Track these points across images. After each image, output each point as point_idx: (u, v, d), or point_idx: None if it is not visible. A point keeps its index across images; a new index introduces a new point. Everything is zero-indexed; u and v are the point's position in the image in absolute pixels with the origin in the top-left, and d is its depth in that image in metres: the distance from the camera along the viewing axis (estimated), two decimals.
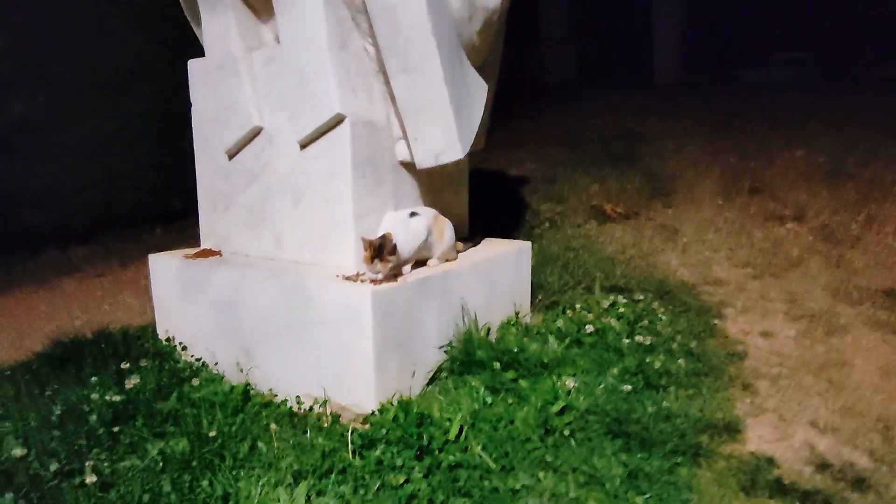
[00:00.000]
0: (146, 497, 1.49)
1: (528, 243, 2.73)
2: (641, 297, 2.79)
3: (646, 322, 2.44)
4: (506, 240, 2.76)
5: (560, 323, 2.47)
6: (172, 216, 5.36)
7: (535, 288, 2.94)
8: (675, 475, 1.50)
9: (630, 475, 1.48)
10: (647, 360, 2.10)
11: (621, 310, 2.54)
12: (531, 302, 2.83)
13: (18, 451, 1.62)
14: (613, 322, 2.39)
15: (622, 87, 15.33)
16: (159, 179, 5.18)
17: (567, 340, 2.29)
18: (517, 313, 2.61)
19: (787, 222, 3.90)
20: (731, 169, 5.29)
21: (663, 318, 2.50)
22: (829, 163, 5.22)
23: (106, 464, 1.67)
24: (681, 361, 2.09)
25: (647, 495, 1.42)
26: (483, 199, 4.10)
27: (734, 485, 1.47)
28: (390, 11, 1.78)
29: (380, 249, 1.86)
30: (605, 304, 2.67)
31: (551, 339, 2.29)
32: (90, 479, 1.52)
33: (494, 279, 2.43)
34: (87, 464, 1.64)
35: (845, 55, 12.62)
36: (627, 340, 2.23)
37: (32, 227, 4.51)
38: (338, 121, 1.94)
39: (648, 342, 2.23)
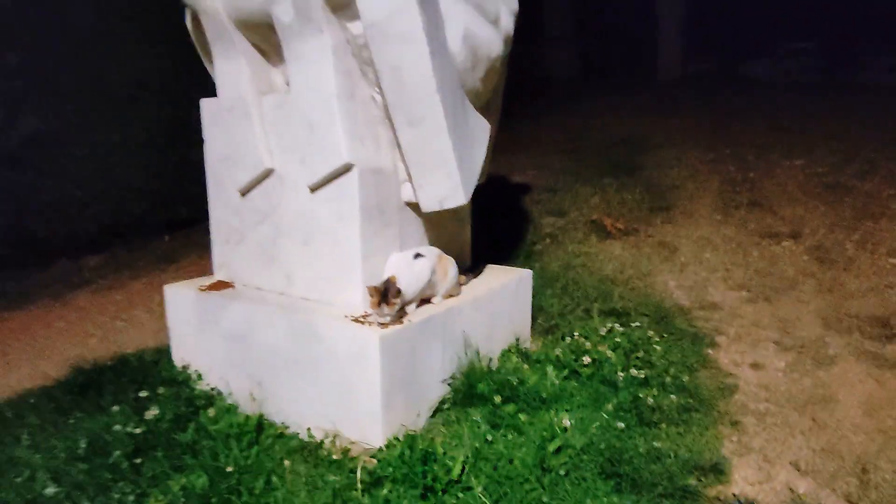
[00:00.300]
0: None
1: (529, 272, 2.83)
2: (638, 322, 2.89)
3: (641, 353, 2.54)
4: (506, 267, 2.86)
5: (558, 351, 2.57)
6: (179, 224, 5.47)
7: (536, 311, 3.04)
8: None
9: None
10: (641, 394, 2.20)
11: (617, 339, 2.64)
12: (532, 324, 2.93)
13: (51, 490, 1.74)
14: (609, 353, 2.49)
15: (624, 86, 15.33)
16: (165, 188, 5.28)
17: (565, 371, 2.40)
18: (517, 339, 2.72)
19: (783, 240, 3.99)
20: (731, 180, 5.36)
21: (658, 347, 2.59)
22: (828, 174, 5.29)
23: (131, 497, 1.79)
24: (673, 397, 2.19)
25: None
26: (487, 207, 4.21)
27: None
28: (397, 70, 1.86)
29: (385, 294, 1.96)
30: (603, 330, 2.78)
31: (550, 369, 2.39)
32: None
33: (495, 310, 2.53)
34: (114, 496, 1.76)
35: (852, 45, 12.51)
36: (622, 374, 2.33)
37: (43, 238, 4.62)
38: (346, 168, 2.03)
39: (643, 375, 2.33)
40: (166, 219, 5.34)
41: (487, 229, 4.36)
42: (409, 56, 1.82)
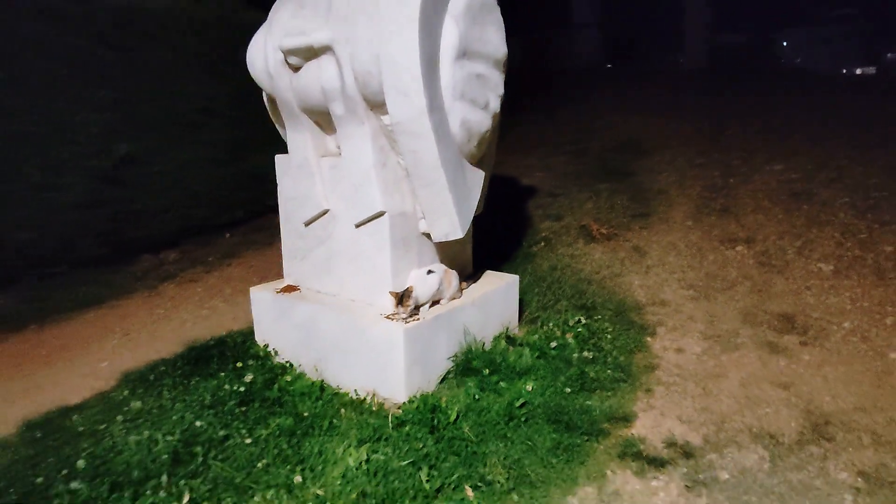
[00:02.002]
0: (275, 451, 2.60)
1: (516, 277, 3.73)
2: (600, 315, 3.79)
3: (595, 340, 3.45)
4: (499, 273, 3.77)
5: (535, 337, 3.50)
6: (237, 223, 6.53)
7: (525, 305, 3.97)
8: (582, 446, 2.54)
9: (554, 445, 2.53)
10: (587, 370, 3.12)
11: (580, 329, 3.55)
12: (520, 316, 3.86)
13: (199, 423, 2.75)
14: (570, 340, 3.41)
15: (645, 74, 15.77)
16: (225, 195, 6.31)
17: (537, 353, 3.32)
18: (507, 328, 3.65)
19: (737, 245, 4.79)
20: (711, 186, 6.12)
21: (609, 335, 3.50)
22: (799, 181, 6.00)
23: (244, 431, 2.79)
24: (609, 371, 3.11)
25: (561, 456, 2.46)
26: (495, 213, 5.14)
27: (614, 453, 2.50)
28: (413, 153, 2.77)
29: (402, 298, 2.91)
30: (572, 322, 3.69)
31: (526, 351, 3.32)
32: (246, 440, 2.64)
33: (488, 308, 3.45)
34: (236, 429, 2.76)
35: None
36: (577, 355, 3.25)
37: (132, 239, 5.68)
38: (381, 214, 2.97)
39: (591, 356, 3.25)
40: (227, 220, 6.39)
41: (493, 233, 5.30)
42: (421, 145, 2.72)
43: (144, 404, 2.99)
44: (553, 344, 3.38)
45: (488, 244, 4.82)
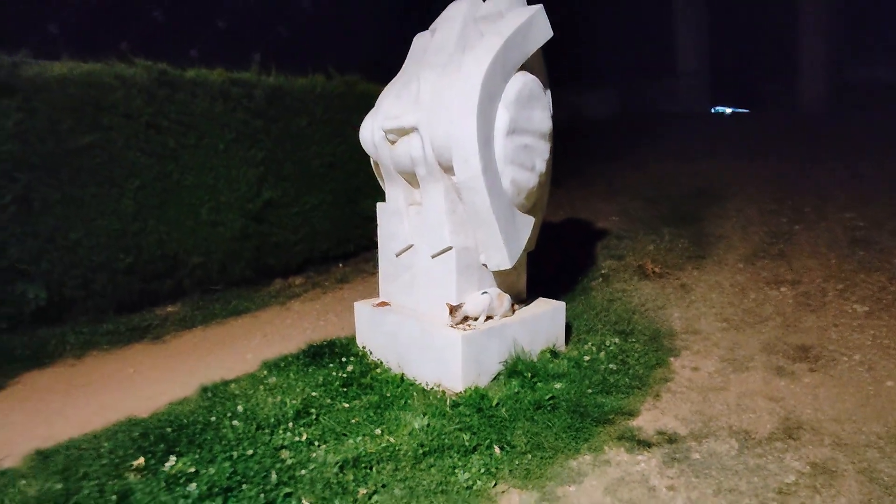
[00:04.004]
0: (364, 415, 3.62)
1: (563, 304, 4.54)
2: (634, 339, 4.48)
3: (623, 356, 4.17)
4: (550, 300, 4.60)
5: (575, 352, 4.29)
6: (348, 256, 7.88)
7: (573, 328, 4.76)
8: (589, 429, 3.30)
9: (568, 426, 3.33)
10: (609, 377, 3.86)
11: (612, 348, 4.29)
12: (568, 336, 4.65)
13: (314, 394, 3.87)
14: (602, 355, 4.16)
15: (750, 120, 15.72)
16: (340, 232, 7.69)
17: (573, 363, 4.11)
18: (553, 345, 4.46)
19: (782, 286, 5.23)
20: (774, 233, 6.51)
21: (637, 354, 4.20)
22: (863, 229, 6.25)
23: (346, 403, 3.85)
24: (628, 380, 3.83)
25: (571, 434, 3.25)
26: (564, 251, 5.98)
27: (613, 435, 3.24)
28: (472, 203, 3.77)
29: (453, 310, 3.87)
30: (609, 342, 4.43)
31: (564, 361, 4.12)
32: (344, 406, 3.70)
33: (536, 327, 4.31)
34: (339, 403, 3.83)
35: None
36: (603, 366, 4.00)
37: (270, 265, 7.14)
38: (449, 248, 3.98)
39: (616, 368, 3.98)
40: (341, 252, 7.75)
41: (559, 268, 6.12)
42: (478, 198, 3.72)
43: (277, 380, 4.17)
44: (587, 357, 4.15)
45: (552, 277, 5.66)
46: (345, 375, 4.18)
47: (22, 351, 4.93)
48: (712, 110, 18.68)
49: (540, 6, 4.05)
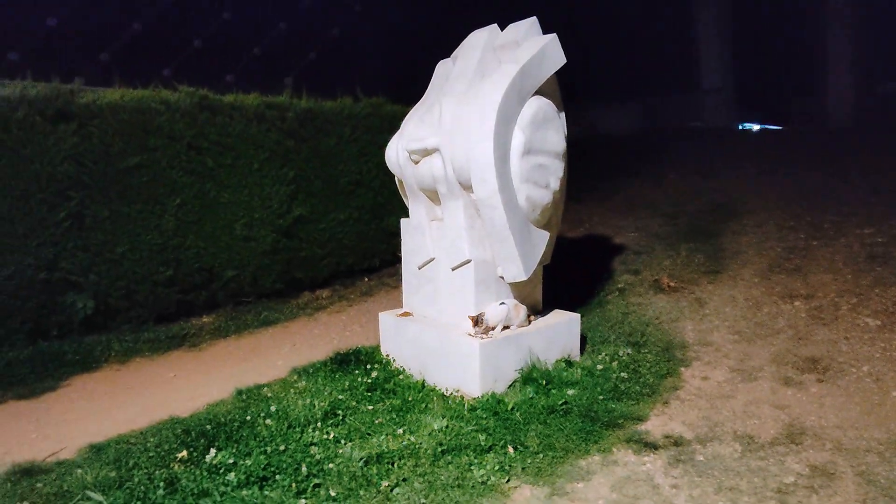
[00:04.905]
0: (387, 417, 3.86)
1: (578, 315, 4.74)
2: (647, 350, 4.65)
3: (635, 366, 4.34)
4: (565, 311, 4.81)
5: (588, 362, 4.47)
6: (373, 270, 8.18)
7: (588, 340, 4.95)
8: (599, 432, 3.49)
9: (579, 429, 3.52)
10: (621, 386, 4.04)
11: (625, 358, 4.46)
12: (583, 346, 4.83)
13: (340, 397, 4.13)
14: (614, 364, 4.34)
15: (782, 136, 15.65)
16: (366, 247, 8.00)
17: (586, 372, 4.30)
18: (568, 354, 4.65)
19: (796, 301, 5.32)
20: (791, 248, 6.59)
21: (648, 363, 4.36)
22: (882, 245, 6.29)
23: (370, 406, 4.09)
24: (638, 388, 4.00)
25: (582, 436, 3.44)
26: (582, 265, 6.16)
27: (622, 438, 3.42)
28: (489, 219, 4.03)
29: (476, 320, 4.10)
30: (621, 353, 4.60)
31: (578, 370, 4.31)
32: (369, 408, 3.95)
33: (551, 336, 4.51)
34: (363, 406, 4.08)
35: None
36: (615, 375, 4.18)
37: (298, 279, 7.48)
38: (468, 261, 4.23)
39: (627, 377, 4.16)
40: (366, 266, 8.07)
41: (579, 281, 6.32)
42: (496, 214, 3.98)
43: (307, 384, 4.45)
44: (600, 367, 4.34)
45: (570, 291, 5.86)
46: (369, 381, 4.44)
47: (72, 356, 5.32)
48: (740, 126, 18.70)
49: (554, 35, 4.32)
